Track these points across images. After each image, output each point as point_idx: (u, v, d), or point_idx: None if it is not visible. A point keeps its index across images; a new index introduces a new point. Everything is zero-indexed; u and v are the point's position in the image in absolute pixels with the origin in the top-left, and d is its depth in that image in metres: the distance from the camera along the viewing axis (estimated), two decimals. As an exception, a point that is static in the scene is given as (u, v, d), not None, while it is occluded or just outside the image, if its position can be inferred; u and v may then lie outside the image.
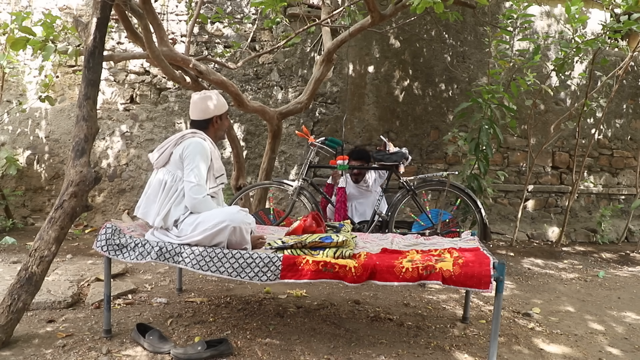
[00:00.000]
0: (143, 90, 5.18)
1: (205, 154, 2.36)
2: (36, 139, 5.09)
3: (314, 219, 2.56)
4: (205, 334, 2.41)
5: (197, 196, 2.29)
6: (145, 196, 2.41)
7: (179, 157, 2.35)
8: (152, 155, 2.46)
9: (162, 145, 2.43)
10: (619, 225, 5.67)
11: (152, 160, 2.46)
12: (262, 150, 5.14)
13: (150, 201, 2.38)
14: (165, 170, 2.39)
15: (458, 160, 5.55)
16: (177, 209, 2.32)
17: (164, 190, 2.35)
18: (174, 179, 2.35)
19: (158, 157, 2.42)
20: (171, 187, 2.35)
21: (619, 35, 4.30)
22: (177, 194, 2.34)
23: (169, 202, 2.33)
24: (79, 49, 3.43)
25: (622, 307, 3.22)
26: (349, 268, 2.06)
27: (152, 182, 2.42)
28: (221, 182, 2.53)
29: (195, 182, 2.30)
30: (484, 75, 5.46)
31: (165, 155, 2.41)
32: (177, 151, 2.37)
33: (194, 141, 2.37)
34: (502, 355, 2.33)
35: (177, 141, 2.40)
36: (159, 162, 2.43)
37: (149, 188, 2.42)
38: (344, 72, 5.32)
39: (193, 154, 2.33)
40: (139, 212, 2.41)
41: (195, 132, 2.45)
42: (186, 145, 2.35)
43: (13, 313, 2.15)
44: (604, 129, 5.88)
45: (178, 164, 2.36)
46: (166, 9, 5.15)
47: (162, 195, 2.34)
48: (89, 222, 5.13)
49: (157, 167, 2.45)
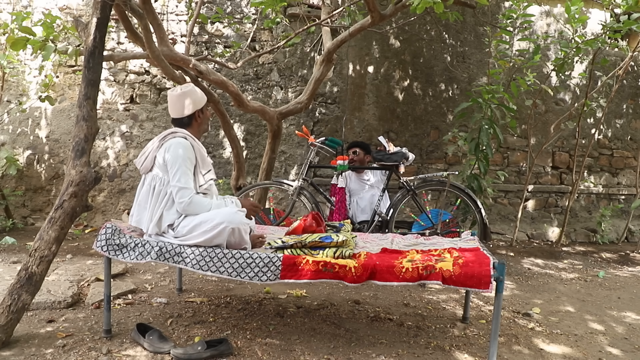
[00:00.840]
0: (143, 90, 5.18)
1: (187, 154, 2.29)
2: (36, 139, 5.09)
3: (314, 219, 2.56)
4: (205, 334, 2.41)
5: (183, 199, 2.24)
6: (137, 203, 2.37)
7: (163, 160, 2.29)
8: (137, 161, 2.40)
9: (144, 150, 2.38)
10: (619, 225, 5.67)
11: (137, 166, 2.40)
12: (262, 150, 5.14)
13: (142, 208, 2.34)
14: (152, 175, 2.34)
15: (458, 160, 5.55)
16: (170, 213, 2.28)
17: (153, 195, 2.30)
18: (162, 183, 2.30)
19: (143, 162, 2.37)
20: (160, 191, 2.30)
21: (619, 35, 4.30)
22: (167, 197, 2.28)
23: (159, 207, 2.28)
24: (79, 49, 3.43)
25: (622, 307, 3.22)
26: (349, 268, 2.06)
27: (141, 189, 2.37)
28: (210, 178, 2.45)
29: (178, 185, 2.24)
30: (484, 75, 5.46)
31: (149, 159, 2.35)
32: (160, 154, 2.31)
33: (174, 142, 2.30)
34: (502, 355, 2.33)
35: (159, 144, 2.34)
36: (145, 167, 2.37)
37: (139, 195, 2.37)
38: (344, 72, 5.32)
39: (174, 156, 2.26)
40: (133, 220, 2.38)
41: (175, 131, 2.37)
42: (167, 148, 2.29)
43: (13, 313, 2.15)
44: (604, 129, 5.88)
45: (163, 167, 2.30)
46: (166, 9, 5.14)
47: (152, 201, 2.30)
48: (89, 222, 5.13)
49: (143, 172, 2.40)
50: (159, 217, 2.28)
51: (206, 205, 2.29)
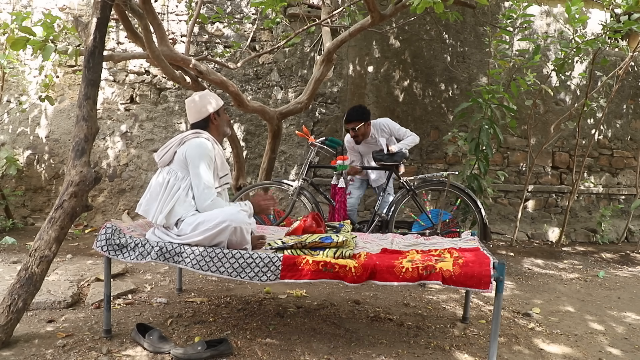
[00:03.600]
0: (143, 90, 5.18)
1: (208, 154, 2.35)
2: (36, 139, 5.09)
3: (314, 219, 2.56)
4: (205, 334, 2.41)
5: (206, 200, 2.30)
6: (148, 194, 2.41)
7: (183, 157, 2.35)
8: (157, 154, 2.47)
9: (167, 144, 2.44)
10: (619, 225, 5.67)
11: (156, 159, 2.46)
12: (262, 150, 5.14)
13: (152, 199, 2.38)
14: (169, 169, 2.39)
15: (458, 160, 5.55)
16: (181, 208, 2.31)
17: (166, 188, 2.34)
18: (176, 178, 2.35)
19: (162, 155, 2.43)
20: (173, 185, 2.34)
21: (619, 35, 4.30)
22: (180, 192, 2.33)
23: (171, 200, 2.32)
24: (79, 49, 3.43)
25: (622, 307, 3.22)
26: (349, 268, 2.06)
27: (155, 181, 2.42)
28: (225, 182, 2.52)
29: (204, 184, 2.30)
30: (484, 75, 5.46)
31: (169, 154, 2.41)
32: (181, 150, 2.37)
33: (197, 142, 2.36)
34: (502, 355, 2.33)
35: (181, 140, 2.40)
36: (164, 160, 2.43)
37: (152, 186, 2.41)
38: (344, 72, 5.32)
39: (197, 155, 2.32)
40: (141, 209, 2.41)
41: (199, 132, 2.44)
42: (190, 146, 2.35)
43: (13, 313, 2.15)
44: (604, 129, 5.88)
45: (181, 163, 2.36)
46: (166, 9, 5.15)
47: (164, 194, 2.34)
48: (89, 222, 5.13)
49: (161, 166, 2.46)
50: (169, 209, 2.30)
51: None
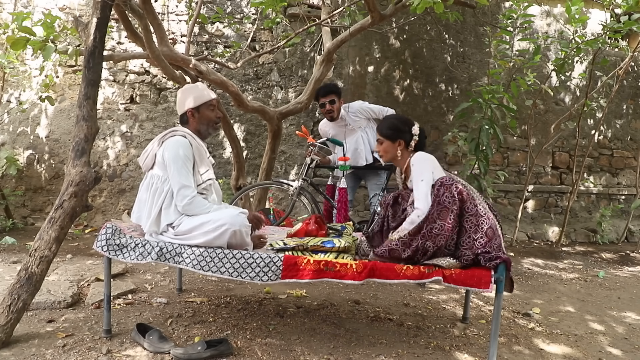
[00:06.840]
0: (143, 90, 5.18)
1: (185, 152, 2.28)
2: (36, 139, 5.09)
3: (316, 222, 2.54)
4: (205, 334, 2.41)
5: (184, 200, 2.24)
6: (137, 200, 2.38)
7: (162, 159, 2.30)
8: (140, 158, 2.43)
9: (146, 148, 2.40)
10: (619, 225, 5.67)
11: (140, 164, 2.43)
12: (262, 150, 5.14)
13: (142, 205, 2.35)
14: (152, 174, 2.36)
15: (458, 160, 5.55)
16: (169, 212, 2.27)
17: (151, 192, 2.31)
18: (160, 181, 2.30)
19: (144, 159, 2.39)
20: (157, 188, 2.30)
21: (619, 35, 4.30)
22: (164, 195, 2.28)
23: (157, 204, 2.28)
24: (79, 49, 3.43)
25: (622, 307, 3.22)
26: (349, 266, 2.06)
27: (141, 187, 2.40)
28: (208, 178, 2.42)
29: (180, 183, 2.24)
30: (484, 75, 5.45)
31: (150, 157, 2.37)
32: (160, 153, 2.32)
33: (172, 141, 2.30)
34: (502, 355, 2.33)
35: (159, 142, 2.35)
36: (146, 165, 2.39)
37: (140, 192, 2.39)
38: (344, 72, 5.31)
39: (174, 155, 2.26)
40: (134, 217, 2.40)
41: (175, 130, 2.38)
42: (166, 147, 2.30)
43: (13, 313, 2.15)
44: (604, 129, 5.88)
45: (162, 165, 2.30)
46: (166, 9, 5.14)
47: (150, 198, 2.31)
48: (89, 222, 5.13)
49: (145, 170, 2.42)
50: (156, 214, 2.27)
51: (206, 207, 2.28)
